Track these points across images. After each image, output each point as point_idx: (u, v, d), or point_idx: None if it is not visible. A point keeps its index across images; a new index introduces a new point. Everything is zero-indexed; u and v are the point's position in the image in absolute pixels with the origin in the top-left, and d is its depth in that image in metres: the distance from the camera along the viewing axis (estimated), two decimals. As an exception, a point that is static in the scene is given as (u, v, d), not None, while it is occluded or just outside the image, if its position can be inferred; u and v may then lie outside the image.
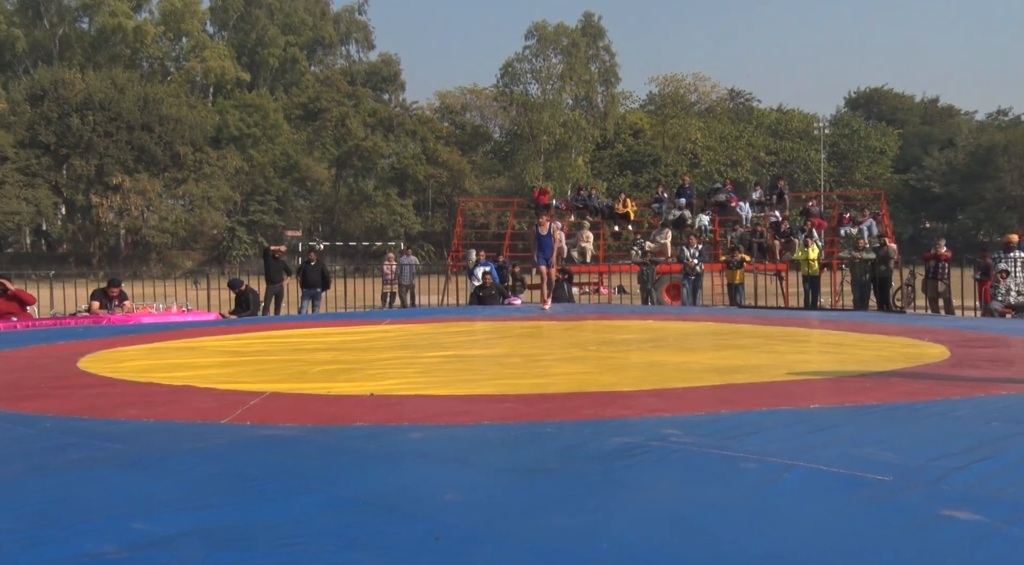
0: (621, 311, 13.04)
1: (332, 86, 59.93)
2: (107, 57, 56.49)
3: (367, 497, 2.63)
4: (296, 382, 5.27)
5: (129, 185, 47.63)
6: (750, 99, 73.69)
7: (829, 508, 2.48)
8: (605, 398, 4.60)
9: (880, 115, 71.66)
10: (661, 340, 7.91)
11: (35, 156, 47.00)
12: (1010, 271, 12.88)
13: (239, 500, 2.65)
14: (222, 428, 3.81)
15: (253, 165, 53.21)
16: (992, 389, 4.70)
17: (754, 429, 3.59)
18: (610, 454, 3.19)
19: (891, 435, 3.46)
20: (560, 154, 56.88)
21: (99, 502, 2.61)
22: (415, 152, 58.81)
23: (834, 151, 64.25)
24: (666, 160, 59.71)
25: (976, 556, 2.09)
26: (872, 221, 19.07)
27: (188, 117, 49.87)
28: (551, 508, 2.51)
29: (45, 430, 3.82)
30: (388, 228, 55.47)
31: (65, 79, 47.89)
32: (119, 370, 5.88)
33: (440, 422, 4.01)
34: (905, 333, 8.20)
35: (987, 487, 2.65)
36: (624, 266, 20.81)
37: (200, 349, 7.41)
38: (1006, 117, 71.13)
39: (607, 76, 60.38)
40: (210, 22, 63.79)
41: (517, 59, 57.84)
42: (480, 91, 62.96)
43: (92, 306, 12.27)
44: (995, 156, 56.60)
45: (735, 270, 16.56)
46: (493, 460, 3.30)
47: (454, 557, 2.10)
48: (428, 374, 5.63)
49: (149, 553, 2.13)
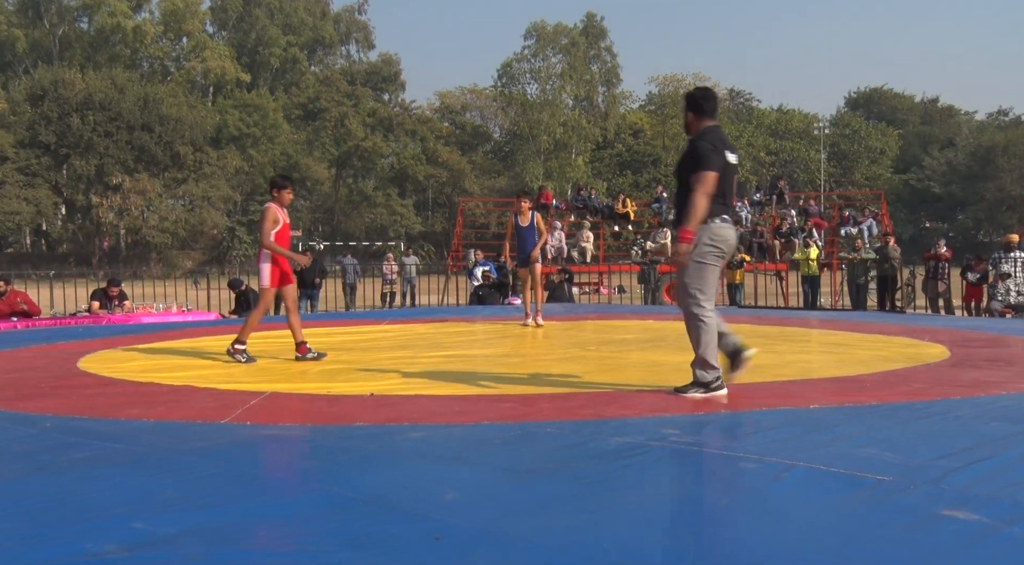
0: (621, 311, 13.05)
1: (332, 86, 59.90)
2: (107, 57, 56.47)
3: (367, 497, 2.63)
4: (296, 382, 5.28)
5: (129, 185, 47.60)
6: (750, 99, 73.69)
7: (829, 508, 2.48)
8: (605, 398, 4.60)
9: (880, 115, 71.66)
10: (661, 340, 7.91)
11: (35, 156, 46.98)
12: (1011, 273, 12.89)
13: (239, 500, 2.65)
14: (222, 428, 3.81)
15: (253, 165, 53.20)
16: (992, 389, 4.70)
17: (754, 429, 3.59)
18: (610, 454, 3.19)
19: (891, 435, 3.46)
20: (560, 154, 56.88)
21: (99, 501, 2.61)
22: (415, 152, 58.79)
23: (834, 151, 64.24)
24: (666, 160, 59.66)
25: (976, 556, 2.09)
26: (872, 221, 19.09)
27: (188, 117, 49.84)
28: (551, 508, 2.52)
29: (45, 430, 3.83)
30: (388, 228, 55.47)
31: (65, 79, 47.86)
32: (119, 370, 5.88)
33: (440, 422, 4.01)
34: (905, 333, 8.20)
35: (987, 487, 2.65)
36: (624, 266, 20.83)
37: (200, 349, 7.41)
38: (1006, 117, 71.16)
39: (608, 76, 60.41)
40: (210, 22, 63.77)
41: (515, 59, 57.90)
42: (480, 91, 62.96)
43: (92, 306, 12.27)
44: (995, 156, 56.58)
45: (735, 270, 16.57)
46: (493, 460, 3.30)
47: (454, 557, 2.10)
48: (428, 374, 5.63)
49: (149, 552, 2.13)
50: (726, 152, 4.39)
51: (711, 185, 4.27)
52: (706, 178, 4.27)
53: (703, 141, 4.37)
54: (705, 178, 4.27)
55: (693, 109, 4.52)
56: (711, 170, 4.28)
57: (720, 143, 4.38)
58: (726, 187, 4.39)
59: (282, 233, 6.40)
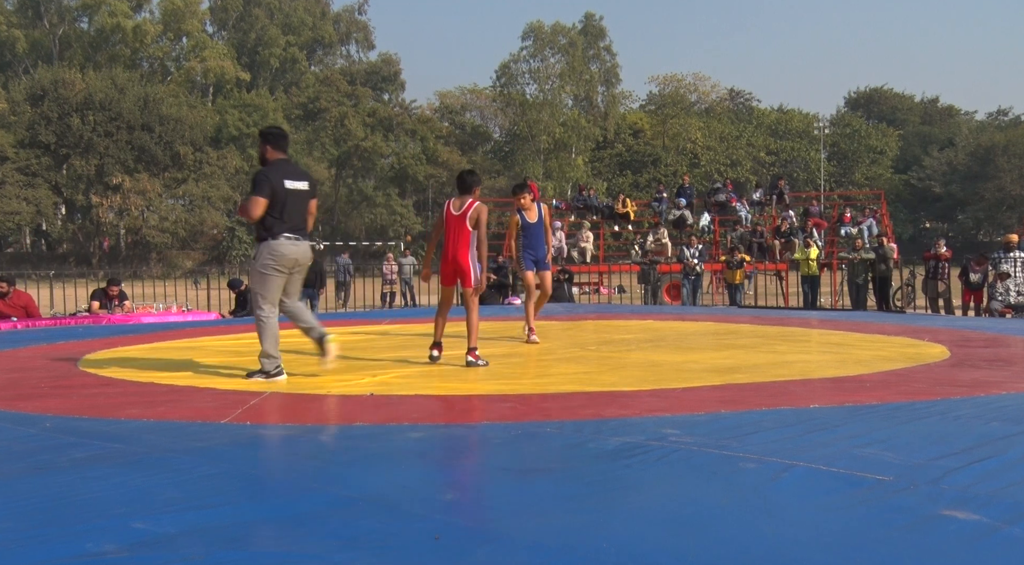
0: (621, 311, 13.04)
1: (332, 86, 59.88)
2: (107, 57, 56.50)
3: (367, 496, 2.63)
4: (296, 382, 5.27)
5: (129, 185, 47.61)
6: (750, 99, 73.72)
7: (829, 508, 2.48)
8: (605, 398, 4.60)
9: (880, 115, 71.69)
10: (661, 340, 7.91)
11: (35, 156, 46.98)
12: (1011, 273, 12.89)
13: (239, 500, 2.65)
14: (222, 428, 3.81)
15: (253, 165, 53.11)
16: (992, 389, 4.70)
17: (754, 429, 3.59)
18: (610, 454, 3.19)
19: (891, 435, 3.46)
20: (560, 154, 56.87)
21: (99, 501, 2.61)
22: (415, 152, 58.78)
23: (834, 151, 64.26)
24: (666, 160, 59.69)
25: (976, 556, 2.09)
26: (872, 221, 19.08)
27: (188, 117, 49.86)
28: (551, 508, 2.51)
29: (45, 430, 3.83)
30: (388, 228, 55.46)
31: (65, 79, 47.88)
32: (119, 370, 5.88)
33: (440, 422, 4.01)
34: (905, 333, 8.20)
35: (987, 487, 2.65)
36: (624, 266, 20.82)
37: (200, 349, 7.40)
38: (1006, 117, 71.20)
39: (608, 76, 60.40)
40: (210, 22, 63.80)
41: (513, 60, 57.92)
42: (480, 91, 62.95)
43: (92, 306, 12.27)
44: (995, 156, 56.60)
45: (735, 270, 16.57)
46: (493, 460, 3.30)
47: (454, 557, 2.10)
48: (428, 374, 5.63)
49: (149, 552, 2.13)
50: (287, 180, 5.23)
51: (255, 208, 5.11)
52: (252, 202, 5.15)
53: (260, 172, 5.27)
54: (251, 202, 5.15)
55: (268, 143, 5.38)
56: (258, 196, 5.14)
57: (281, 174, 5.23)
58: (288, 210, 5.22)
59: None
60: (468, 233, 6.03)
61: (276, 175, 5.20)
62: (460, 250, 6.05)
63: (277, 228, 5.18)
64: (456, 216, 6.03)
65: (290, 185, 5.24)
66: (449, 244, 6.06)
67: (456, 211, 6.04)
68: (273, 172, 5.22)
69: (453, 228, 6.05)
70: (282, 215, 5.19)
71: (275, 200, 5.15)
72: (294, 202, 5.26)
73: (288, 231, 5.22)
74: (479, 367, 5.88)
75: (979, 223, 59.13)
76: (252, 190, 5.22)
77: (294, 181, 5.28)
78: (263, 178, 5.19)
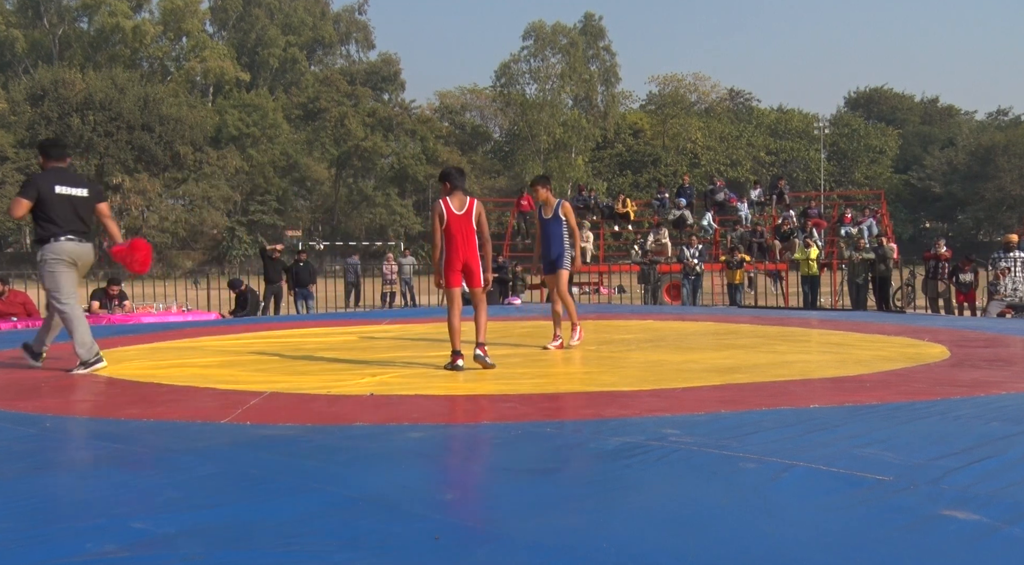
0: (621, 311, 13.04)
1: (332, 86, 59.87)
2: (107, 57, 56.43)
3: (367, 496, 2.63)
4: (296, 382, 5.28)
5: (129, 185, 47.61)
6: (750, 99, 73.68)
7: (829, 508, 2.48)
8: (605, 398, 4.60)
9: (880, 115, 71.66)
10: (661, 340, 7.91)
11: (35, 156, 46.87)
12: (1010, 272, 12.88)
13: (239, 500, 2.65)
14: (222, 428, 3.81)
15: (253, 165, 53.17)
16: (992, 389, 4.70)
17: (754, 429, 3.59)
18: (610, 454, 3.19)
19: (891, 435, 3.46)
20: (560, 154, 56.86)
21: (99, 501, 2.61)
22: (415, 152, 58.75)
23: (834, 151, 64.24)
24: (666, 160, 59.69)
25: (976, 556, 2.09)
26: (872, 221, 19.07)
27: (188, 117, 49.83)
28: (551, 508, 2.52)
29: (45, 430, 3.83)
30: (388, 228, 55.45)
31: (65, 79, 47.85)
32: (119, 370, 5.88)
33: (440, 422, 4.01)
34: (905, 333, 8.20)
35: (987, 487, 2.65)
36: (624, 266, 20.82)
37: (200, 349, 7.40)
38: (1006, 117, 71.18)
39: (607, 76, 60.40)
40: (210, 22, 63.72)
41: (513, 60, 57.91)
42: (480, 91, 62.95)
43: (92, 306, 12.26)
44: (995, 156, 56.59)
45: (735, 270, 16.57)
46: (493, 460, 3.30)
47: (454, 557, 2.10)
48: (428, 374, 5.63)
49: (149, 552, 2.13)
50: (59, 186, 5.62)
51: (15, 208, 5.57)
52: (14, 202, 5.61)
53: (29, 177, 5.89)
54: (14, 202, 5.62)
55: (43, 153, 5.84)
56: (20, 197, 5.59)
57: (52, 180, 5.62)
58: (61, 214, 5.59)
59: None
60: (475, 232, 5.99)
61: (45, 181, 5.62)
62: (471, 250, 5.94)
63: (54, 230, 5.59)
64: (461, 216, 5.88)
65: (62, 191, 5.63)
66: (459, 245, 5.88)
67: (459, 211, 5.89)
68: (42, 178, 5.66)
69: (460, 228, 5.89)
70: (55, 218, 5.58)
71: (45, 204, 5.56)
72: (68, 206, 5.64)
73: (69, 233, 5.62)
74: (487, 365, 5.78)
75: (979, 223, 59.11)
76: (18, 192, 5.72)
77: (68, 187, 5.68)
78: (29, 182, 5.71)
